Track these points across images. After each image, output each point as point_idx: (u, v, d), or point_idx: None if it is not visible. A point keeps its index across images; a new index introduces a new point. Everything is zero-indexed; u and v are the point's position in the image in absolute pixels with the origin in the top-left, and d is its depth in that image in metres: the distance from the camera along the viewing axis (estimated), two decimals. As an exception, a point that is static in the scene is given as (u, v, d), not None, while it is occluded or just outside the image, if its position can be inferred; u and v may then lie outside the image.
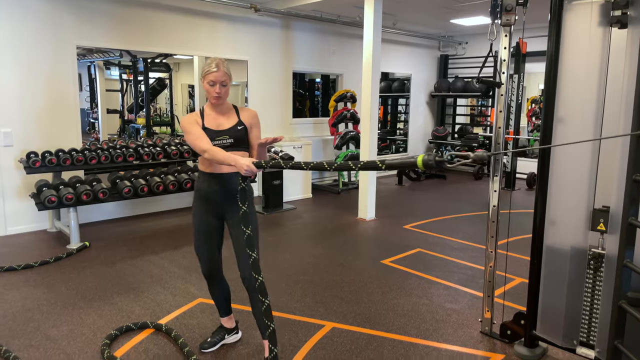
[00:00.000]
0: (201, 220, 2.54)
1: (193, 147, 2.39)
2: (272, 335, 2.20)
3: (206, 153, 2.30)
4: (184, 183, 5.09)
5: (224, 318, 2.77)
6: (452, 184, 8.04)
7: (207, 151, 2.30)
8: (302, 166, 2.05)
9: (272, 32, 6.80)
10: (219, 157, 2.27)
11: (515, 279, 3.77)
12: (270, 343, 2.20)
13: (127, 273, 3.83)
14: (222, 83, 2.38)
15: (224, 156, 2.25)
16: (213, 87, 2.38)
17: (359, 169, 1.91)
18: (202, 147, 2.32)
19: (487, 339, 2.85)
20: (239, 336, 2.83)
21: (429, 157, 1.68)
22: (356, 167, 1.90)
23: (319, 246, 4.60)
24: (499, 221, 2.83)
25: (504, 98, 2.76)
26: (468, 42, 9.37)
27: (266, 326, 2.19)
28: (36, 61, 4.80)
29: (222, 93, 2.40)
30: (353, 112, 7.41)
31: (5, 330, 2.87)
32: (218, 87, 2.38)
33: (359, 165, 1.90)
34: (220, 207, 2.50)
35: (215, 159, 2.29)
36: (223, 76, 2.38)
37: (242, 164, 2.14)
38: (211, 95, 2.41)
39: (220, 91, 2.39)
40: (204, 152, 2.31)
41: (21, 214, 4.86)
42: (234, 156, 2.21)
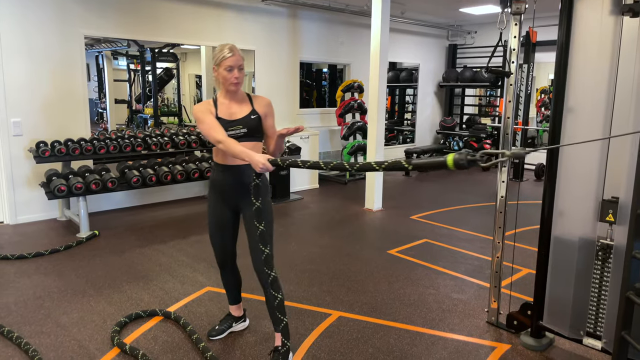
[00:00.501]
0: (215, 212, 2.53)
1: (207, 137, 2.32)
2: (285, 329, 2.22)
3: (221, 144, 2.23)
4: (192, 173, 5.11)
5: (232, 306, 2.79)
6: (459, 175, 8.01)
7: (222, 142, 2.22)
8: (322, 166, 1.95)
9: (279, 21, 6.77)
10: (233, 150, 2.19)
11: (523, 269, 3.76)
12: (283, 336, 2.22)
13: (136, 262, 3.87)
14: (240, 67, 2.32)
15: (239, 150, 2.17)
16: (231, 73, 2.31)
17: (384, 169, 1.79)
18: (217, 138, 2.24)
19: (494, 329, 2.86)
20: (247, 324, 2.86)
21: (460, 156, 1.56)
22: (380, 167, 1.78)
23: (325, 236, 4.61)
24: (507, 212, 2.82)
25: (513, 88, 2.74)
26: (477, 32, 9.27)
27: (279, 320, 2.20)
28: (45, 51, 4.83)
29: (241, 78, 2.33)
30: (360, 103, 7.38)
31: (17, 317, 2.92)
32: (236, 71, 2.31)
33: (383, 165, 1.78)
34: (234, 200, 2.47)
35: (229, 151, 2.22)
36: (240, 60, 2.32)
37: (257, 160, 2.06)
38: (229, 81, 2.32)
39: (239, 76, 2.32)
40: (218, 142, 2.24)
41: (31, 202, 4.92)
42: (248, 152, 2.14)
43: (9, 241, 4.33)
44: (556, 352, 2.64)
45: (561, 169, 2.48)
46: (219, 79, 2.37)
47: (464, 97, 9.93)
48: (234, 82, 2.32)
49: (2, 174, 4.76)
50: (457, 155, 1.57)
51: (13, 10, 4.60)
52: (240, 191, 2.44)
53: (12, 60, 4.65)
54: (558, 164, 2.49)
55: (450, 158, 1.58)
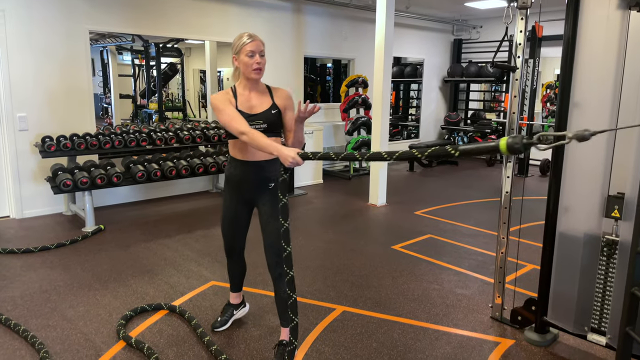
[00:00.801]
0: (230, 208, 2.48)
1: (228, 129, 2.19)
2: (295, 329, 2.21)
3: (244, 136, 2.09)
4: (196, 168, 5.12)
5: (233, 294, 2.81)
6: (464, 170, 7.99)
7: (245, 134, 2.08)
8: (357, 157, 1.83)
9: (283, 16, 6.75)
10: (259, 142, 2.06)
11: (527, 265, 3.76)
12: (292, 336, 2.21)
13: (141, 256, 3.89)
14: (261, 53, 2.23)
15: (266, 143, 2.04)
16: (253, 58, 2.21)
17: (426, 156, 1.65)
18: (240, 129, 2.10)
19: (498, 325, 2.86)
20: (247, 309, 2.89)
21: (515, 140, 1.41)
22: (423, 155, 1.65)
23: (330, 231, 4.62)
24: (511, 208, 2.81)
25: (518, 83, 2.73)
26: (482, 26, 9.21)
27: (290, 319, 2.19)
28: (50, 47, 4.84)
29: (263, 64, 2.24)
30: (365, 98, 7.36)
31: (24, 311, 2.95)
32: (258, 56, 2.22)
33: (425, 153, 1.64)
34: (252, 195, 2.42)
35: (254, 143, 2.08)
36: (260, 45, 2.22)
37: (286, 154, 1.94)
38: (251, 67, 2.22)
39: (260, 61, 2.23)
40: (241, 134, 2.10)
41: (37, 197, 4.95)
42: (277, 145, 2.02)
43: (15, 235, 4.36)
44: (560, 347, 2.64)
45: (567, 164, 2.47)
46: (239, 68, 2.28)
47: (468, 92, 9.89)
48: (256, 67, 2.23)
49: (8, 168, 4.79)
50: (511, 139, 1.43)
51: (19, 6, 4.61)
52: (259, 187, 2.38)
53: (18, 55, 4.66)
54: (564, 159, 2.48)
55: (504, 142, 1.45)
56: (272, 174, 2.37)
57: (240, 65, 2.27)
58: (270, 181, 2.37)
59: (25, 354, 2.49)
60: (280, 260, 2.35)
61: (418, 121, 9.52)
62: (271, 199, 2.36)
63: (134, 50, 8.89)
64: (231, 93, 2.31)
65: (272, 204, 2.36)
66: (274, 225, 2.34)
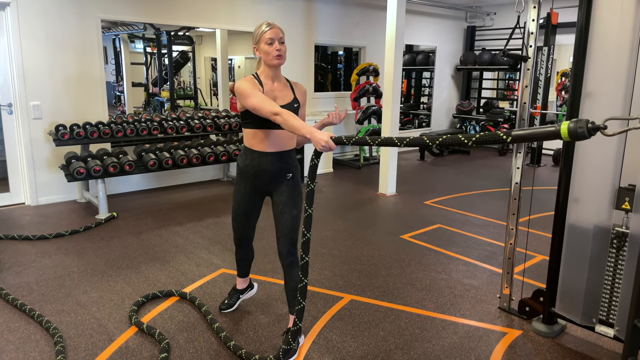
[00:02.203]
0: (243, 200, 2.46)
1: (258, 111, 2.12)
2: (300, 312, 2.26)
3: (278, 117, 2.04)
4: (207, 157, 5.16)
5: (240, 278, 2.84)
6: (475, 160, 7.93)
7: (279, 114, 2.03)
8: (396, 142, 1.76)
9: (294, 4, 6.71)
10: (293, 123, 2.00)
11: (537, 256, 3.74)
12: (297, 317, 2.27)
13: (153, 243, 3.95)
14: (280, 40, 2.22)
15: (299, 125, 1.99)
16: (272, 46, 2.20)
17: (475, 142, 1.57)
18: (273, 110, 2.06)
19: (505, 315, 2.86)
20: (254, 290, 2.93)
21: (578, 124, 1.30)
22: (470, 141, 1.57)
23: (339, 220, 4.64)
24: (522, 198, 2.80)
25: (530, 72, 2.69)
26: (496, 13, 9.06)
27: (298, 302, 2.24)
28: (63, 36, 4.88)
29: (283, 51, 2.23)
30: (375, 86, 7.31)
31: (39, 296, 3.02)
32: (277, 43, 2.21)
33: (473, 138, 1.57)
34: (268, 186, 2.41)
35: (287, 124, 2.02)
36: (279, 32, 2.22)
37: (319, 138, 1.90)
38: (271, 55, 2.21)
39: (280, 48, 2.21)
40: (275, 115, 2.05)
41: (51, 184, 5.03)
42: (310, 128, 1.97)
43: (30, 222, 4.45)
44: (568, 338, 2.64)
45: (577, 155, 2.44)
46: (260, 57, 2.28)
47: (481, 80, 9.77)
48: (276, 54, 2.22)
49: (23, 156, 4.87)
50: (573, 123, 1.33)
51: (31, -6, 4.65)
52: (277, 178, 2.37)
53: (31, 45, 4.71)
54: (575, 149, 2.45)
55: (565, 128, 1.34)
56: (291, 165, 2.39)
57: (261, 54, 2.27)
58: (289, 172, 2.38)
59: (39, 339, 2.56)
60: (292, 249, 2.39)
61: (430, 110, 9.44)
62: (288, 190, 2.38)
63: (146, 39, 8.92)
64: (256, 80, 2.29)
65: (289, 194, 2.37)
66: (289, 215, 2.36)
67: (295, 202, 2.37)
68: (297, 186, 2.40)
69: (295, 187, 2.38)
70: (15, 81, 4.71)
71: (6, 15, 4.59)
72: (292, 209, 2.35)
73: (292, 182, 2.38)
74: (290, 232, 2.36)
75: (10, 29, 4.60)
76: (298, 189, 2.39)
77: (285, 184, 2.39)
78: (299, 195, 2.39)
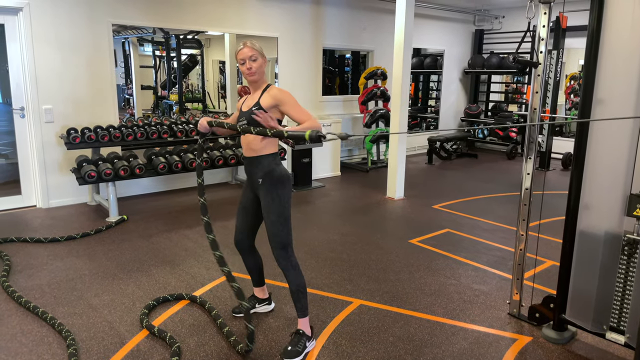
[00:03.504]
0: (242, 194, 2.68)
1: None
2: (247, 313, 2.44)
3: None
4: (216, 160, 5.19)
5: (256, 288, 2.87)
6: (483, 164, 7.91)
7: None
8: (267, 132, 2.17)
9: (302, 8, 6.74)
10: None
11: (546, 261, 3.73)
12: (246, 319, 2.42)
13: (163, 246, 3.98)
14: (251, 58, 2.41)
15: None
16: (244, 65, 2.44)
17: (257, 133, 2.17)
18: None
19: (515, 321, 2.86)
20: (271, 307, 2.94)
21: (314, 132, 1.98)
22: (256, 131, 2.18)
23: (347, 224, 4.65)
24: (531, 202, 2.79)
25: (540, 78, 2.69)
26: (505, 16, 9.04)
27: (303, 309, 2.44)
28: (74, 40, 4.94)
29: (254, 68, 2.41)
30: (383, 90, 7.32)
31: (51, 299, 3.06)
32: (248, 62, 2.42)
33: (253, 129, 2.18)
34: (253, 186, 2.55)
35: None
36: (250, 51, 2.41)
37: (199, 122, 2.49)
38: (244, 72, 2.46)
39: (250, 66, 2.41)
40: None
41: (62, 187, 5.08)
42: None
43: (42, 224, 4.50)
44: (578, 345, 2.63)
45: (589, 160, 2.44)
46: None
47: (489, 83, 9.74)
48: (246, 73, 2.44)
49: (35, 159, 4.93)
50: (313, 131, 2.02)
51: (45, 2, 4.71)
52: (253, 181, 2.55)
53: (43, 49, 4.77)
54: (586, 155, 2.44)
55: (308, 132, 2.02)
56: (260, 171, 2.48)
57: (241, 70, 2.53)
58: (259, 177, 2.48)
59: (52, 341, 2.59)
60: (282, 252, 2.46)
61: (437, 113, 9.43)
62: (263, 195, 2.48)
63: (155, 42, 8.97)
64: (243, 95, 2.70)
65: (264, 200, 2.47)
66: (267, 220, 2.46)
67: (271, 208, 2.43)
68: (273, 192, 2.44)
69: (269, 192, 2.44)
70: (27, 85, 4.77)
71: (19, 20, 4.65)
72: (269, 213, 2.45)
73: (264, 188, 2.46)
74: (274, 237, 2.45)
75: (23, 34, 4.66)
76: (273, 194, 2.43)
77: (261, 189, 2.49)
78: (274, 201, 2.43)
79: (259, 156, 2.47)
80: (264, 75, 2.49)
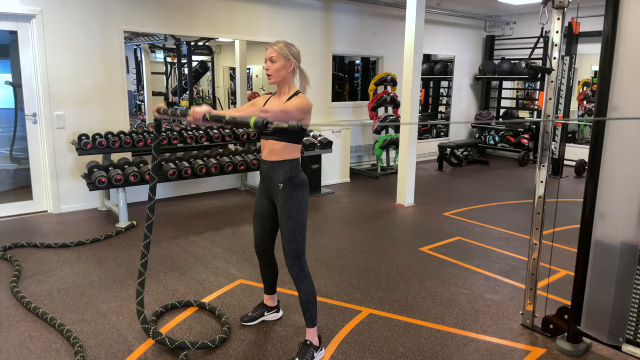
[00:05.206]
0: (256, 200, 2.63)
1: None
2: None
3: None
4: (226, 166, 5.19)
5: (266, 295, 2.85)
6: (495, 170, 7.83)
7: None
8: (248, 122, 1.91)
9: (312, 14, 6.75)
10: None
11: (560, 271, 3.65)
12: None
13: (171, 252, 3.98)
14: (272, 59, 2.39)
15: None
16: (266, 65, 2.42)
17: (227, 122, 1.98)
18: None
19: (528, 332, 2.79)
20: (279, 315, 2.91)
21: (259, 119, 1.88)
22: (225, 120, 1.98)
23: (356, 231, 4.61)
24: (544, 211, 2.74)
25: (554, 84, 2.65)
26: (516, 22, 8.98)
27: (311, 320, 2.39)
28: (86, 46, 4.98)
29: (271, 69, 2.39)
30: (393, 96, 7.29)
31: (60, 305, 3.06)
32: (268, 63, 2.41)
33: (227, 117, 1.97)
34: (270, 192, 2.50)
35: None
36: (272, 52, 2.40)
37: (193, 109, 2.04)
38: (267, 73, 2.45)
39: (268, 67, 2.40)
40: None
41: (73, 192, 5.11)
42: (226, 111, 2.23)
43: (53, 229, 4.53)
44: (593, 358, 2.56)
45: (604, 167, 2.38)
46: None
47: (501, 89, 9.66)
48: (267, 73, 2.43)
49: (47, 165, 4.96)
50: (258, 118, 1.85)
51: (55, 7, 4.76)
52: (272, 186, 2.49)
53: (56, 55, 4.82)
54: (601, 162, 2.39)
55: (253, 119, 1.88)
56: (281, 175, 2.42)
57: None
58: (279, 182, 2.42)
59: (60, 348, 2.58)
60: (295, 261, 2.42)
61: (448, 119, 9.37)
62: (281, 200, 2.42)
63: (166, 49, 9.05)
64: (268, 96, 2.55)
65: (283, 205, 2.42)
66: (285, 226, 2.41)
67: (290, 213, 2.39)
68: (293, 197, 2.39)
69: (288, 198, 2.39)
70: (39, 91, 4.81)
71: (32, 26, 4.71)
72: (287, 220, 2.40)
73: (284, 193, 2.41)
74: (290, 245, 2.40)
75: (36, 40, 4.71)
76: (293, 200, 2.39)
77: (279, 194, 2.43)
78: (293, 206, 2.39)
79: (282, 160, 2.41)
80: (287, 80, 2.43)
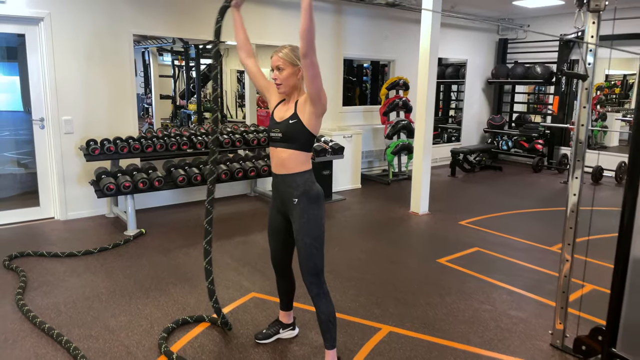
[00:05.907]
0: (269, 215, 2.52)
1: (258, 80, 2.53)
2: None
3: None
4: (236, 172, 5.07)
5: (282, 312, 2.72)
6: (508, 176, 7.66)
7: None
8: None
9: (323, 17, 6.63)
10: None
11: (585, 285, 3.49)
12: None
13: (181, 262, 3.86)
14: (277, 67, 2.29)
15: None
16: (273, 73, 2.32)
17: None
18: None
19: (559, 354, 2.65)
20: (295, 333, 2.78)
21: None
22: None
23: (370, 241, 4.47)
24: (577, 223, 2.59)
25: (588, 92, 2.50)
26: (530, 25, 8.81)
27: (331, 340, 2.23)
28: (94, 50, 4.88)
29: (280, 79, 2.28)
30: (405, 100, 7.15)
31: (67, 319, 2.94)
32: (275, 72, 2.31)
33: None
34: (284, 207, 2.37)
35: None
36: (277, 60, 2.30)
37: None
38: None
39: (276, 77, 2.30)
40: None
41: (81, 199, 5.01)
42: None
43: (60, 237, 4.42)
44: (631, 383, 2.40)
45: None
46: None
47: (514, 94, 9.50)
48: (276, 83, 2.33)
49: (54, 171, 4.86)
50: None
51: (64, 11, 4.66)
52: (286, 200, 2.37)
53: (64, 59, 4.72)
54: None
55: None
56: (295, 189, 2.28)
57: None
58: (294, 197, 2.29)
59: (68, 366, 2.46)
60: (314, 279, 2.30)
61: (459, 124, 9.21)
62: (297, 216, 2.29)
63: (174, 52, 8.98)
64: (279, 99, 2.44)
65: (299, 221, 2.29)
66: (301, 243, 2.29)
67: (306, 229, 2.26)
68: (309, 212, 2.26)
69: (304, 213, 2.26)
70: (47, 96, 4.72)
71: (40, 30, 4.61)
72: (303, 236, 2.27)
73: (299, 208, 2.28)
74: (307, 262, 2.28)
75: (44, 44, 4.62)
76: (309, 215, 2.26)
77: (295, 209, 2.30)
78: (309, 222, 2.26)
79: (295, 174, 2.28)
80: (297, 87, 2.31)
